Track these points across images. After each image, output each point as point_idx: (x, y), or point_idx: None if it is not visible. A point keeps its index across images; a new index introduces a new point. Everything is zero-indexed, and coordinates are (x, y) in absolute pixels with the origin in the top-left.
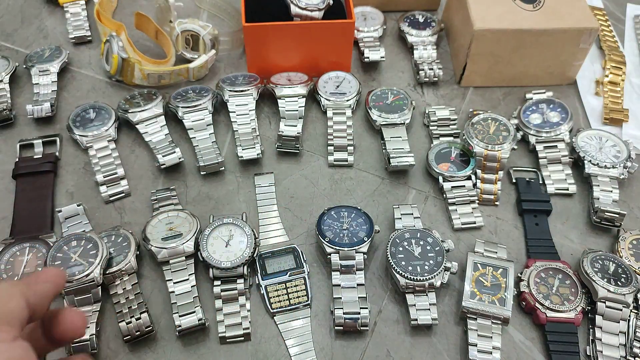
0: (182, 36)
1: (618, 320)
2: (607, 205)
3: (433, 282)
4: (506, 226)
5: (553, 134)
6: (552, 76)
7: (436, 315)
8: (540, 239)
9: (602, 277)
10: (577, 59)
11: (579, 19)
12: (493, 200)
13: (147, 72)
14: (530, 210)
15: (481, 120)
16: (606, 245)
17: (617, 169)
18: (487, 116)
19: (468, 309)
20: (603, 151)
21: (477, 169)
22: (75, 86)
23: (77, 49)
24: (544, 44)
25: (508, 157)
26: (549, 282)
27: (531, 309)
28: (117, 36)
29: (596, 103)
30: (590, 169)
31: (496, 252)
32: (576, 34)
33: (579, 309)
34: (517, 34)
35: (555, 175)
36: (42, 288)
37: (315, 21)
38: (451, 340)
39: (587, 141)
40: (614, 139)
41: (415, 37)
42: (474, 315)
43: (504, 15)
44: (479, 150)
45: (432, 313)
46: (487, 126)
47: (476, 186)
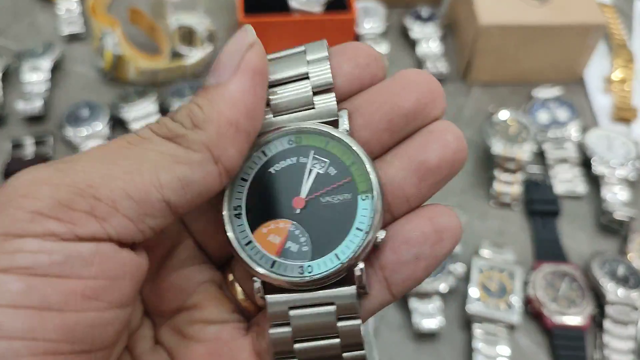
0: (178, 32)
1: (627, 324)
2: (615, 207)
3: (436, 286)
4: (513, 227)
5: (560, 133)
6: (559, 73)
7: (438, 322)
8: (548, 241)
9: (610, 280)
10: (585, 56)
11: (586, 15)
12: (510, 204)
13: (142, 69)
14: (537, 211)
15: (501, 119)
16: (616, 247)
17: (626, 169)
18: (508, 115)
19: (473, 314)
20: (611, 150)
21: (494, 170)
22: (68, 84)
23: (70, 46)
24: (551, 40)
25: (529, 160)
26: (556, 285)
27: (537, 313)
28: (112, 32)
29: (604, 101)
30: (597, 168)
31: (502, 254)
32: (583, 30)
33: (587, 314)
34: (524, 30)
35: (563, 176)
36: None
37: (315, 16)
38: (456, 346)
39: (596, 140)
40: (623, 138)
41: (418, 32)
42: (479, 320)
43: (510, 10)
44: (497, 150)
45: (436, 319)
46: (506, 126)
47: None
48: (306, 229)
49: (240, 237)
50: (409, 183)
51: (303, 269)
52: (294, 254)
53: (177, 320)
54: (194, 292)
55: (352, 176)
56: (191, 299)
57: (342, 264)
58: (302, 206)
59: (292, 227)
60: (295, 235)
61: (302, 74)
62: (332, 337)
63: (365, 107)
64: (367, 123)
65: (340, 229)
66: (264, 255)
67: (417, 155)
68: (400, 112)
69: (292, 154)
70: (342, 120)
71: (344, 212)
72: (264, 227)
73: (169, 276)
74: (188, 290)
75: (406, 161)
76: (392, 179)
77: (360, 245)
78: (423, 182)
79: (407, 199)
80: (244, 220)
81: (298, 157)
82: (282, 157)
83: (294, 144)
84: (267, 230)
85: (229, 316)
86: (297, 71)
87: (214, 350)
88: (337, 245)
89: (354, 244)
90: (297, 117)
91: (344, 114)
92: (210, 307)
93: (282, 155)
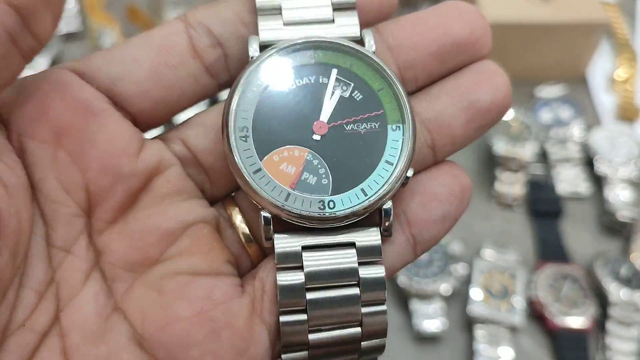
0: None
1: (630, 325)
2: (618, 207)
3: (437, 287)
4: (515, 228)
5: (562, 133)
6: (562, 72)
7: (440, 324)
8: (551, 242)
9: (613, 281)
10: (588, 55)
11: (589, 13)
12: (512, 204)
13: None
14: (540, 211)
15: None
16: (619, 247)
17: (629, 168)
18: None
19: (474, 315)
20: (614, 150)
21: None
22: None
23: (68, 44)
24: (554, 39)
25: (531, 160)
26: (559, 286)
27: (540, 314)
28: (110, 30)
29: (607, 100)
30: (600, 168)
31: (504, 255)
32: (587, 28)
33: (590, 315)
34: (526, 28)
35: (566, 175)
36: None
37: None
38: (457, 347)
39: (598, 140)
40: (626, 137)
41: None
42: (481, 322)
43: (513, 8)
44: (499, 149)
45: (437, 321)
46: (508, 125)
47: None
48: (326, 159)
49: (247, 164)
50: (458, 122)
51: (324, 204)
52: (311, 187)
53: (153, 273)
54: (179, 236)
55: (381, 103)
56: (175, 246)
57: (369, 200)
58: (324, 132)
59: (310, 156)
60: (314, 165)
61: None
62: (350, 285)
63: (414, 28)
64: (415, 44)
65: (367, 161)
66: (276, 186)
67: (468, 94)
68: (453, 39)
69: (310, 71)
70: (367, 41)
71: (371, 143)
72: (276, 154)
73: (145, 216)
74: (171, 234)
75: (456, 98)
76: (439, 114)
77: (390, 181)
78: (471, 122)
79: (453, 138)
80: (251, 144)
81: (317, 75)
82: (299, 73)
83: (312, 60)
84: (279, 158)
85: (222, 267)
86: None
87: (201, 313)
88: (363, 180)
89: (382, 178)
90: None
91: (369, 34)
92: (198, 254)
93: (299, 71)
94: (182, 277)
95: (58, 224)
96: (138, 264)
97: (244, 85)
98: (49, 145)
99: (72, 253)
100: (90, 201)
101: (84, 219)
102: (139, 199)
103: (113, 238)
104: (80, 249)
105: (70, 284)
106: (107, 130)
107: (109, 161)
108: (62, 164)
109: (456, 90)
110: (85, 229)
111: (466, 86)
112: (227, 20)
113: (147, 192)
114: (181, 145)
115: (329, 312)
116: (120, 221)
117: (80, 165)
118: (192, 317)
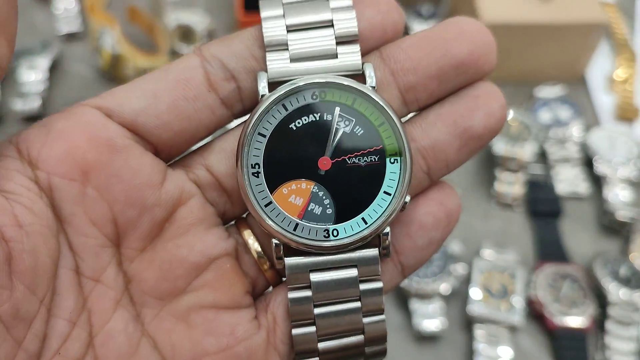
0: (177, 30)
1: (629, 325)
2: (617, 207)
3: (436, 287)
4: (514, 228)
5: (562, 133)
6: (561, 72)
7: (439, 324)
8: (550, 242)
9: (612, 281)
10: (587, 55)
11: (588, 14)
12: (512, 204)
13: (140, 68)
14: (539, 211)
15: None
16: (618, 247)
17: (628, 169)
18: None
19: (474, 315)
20: (614, 150)
21: (496, 170)
22: (66, 83)
23: (68, 45)
24: (553, 39)
25: (531, 160)
26: (558, 285)
27: (539, 314)
28: (110, 30)
29: (607, 100)
30: (600, 168)
31: (504, 255)
32: (586, 29)
33: (589, 315)
34: (525, 29)
35: (566, 175)
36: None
37: None
38: (457, 347)
39: (598, 140)
40: (625, 138)
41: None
42: (480, 322)
43: (512, 9)
44: (498, 149)
45: (437, 321)
46: (508, 125)
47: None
48: (330, 191)
49: (259, 198)
50: (452, 148)
51: (329, 233)
52: (317, 217)
53: (179, 303)
54: (204, 269)
55: (380, 137)
56: (200, 278)
57: (369, 228)
58: (329, 167)
59: (316, 188)
60: (319, 196)
61: (326, 21)
62: (353, 300)
63: (414, 51)
64: (415, 67)
65: (367, 192)
66: (285, 217)
67: (462, 121)
68: (453, 61)
69: (315, 109)
70: (368, 74)
71: (371, 175)
72: (285, 188)
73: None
74: (197, 267)
75: (451, 125)
76: (435, 141)
77: (388, 210)
78: (464, 147)
79: (447, 162)
80: (262, 179)
81: (322, 113)
82: (305, 112)
83: (317, 99)
84: (288, 191)
85: (241, 300)
86: (321, 17)
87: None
88: (364, 209)
89: (382, 208)
90: (317, 67)
91: (370, 68)
92: (222, 288)
93: (305, 110)
94: (208, 311)
95: (87, 255)
96: (167, 292)
97: (255, 126)
98: (77, 182)
99: (101, 282)
100: (119, 232)
101: (112, 249)
102: (166, 228)
103: (144, 267)
104: (109, 278)
105: (101, 311)
106: (130, 165)
107: (133, 194)
108: (90, 199)
109: (451, 116)
110: (114, 258)
111: (461, 113)
112: (239, 54)
113: (172, 222)
114: (204, 171)
115: (334, 324)
116: (149, 250)
117: (107, 199)
118: (219, 352)
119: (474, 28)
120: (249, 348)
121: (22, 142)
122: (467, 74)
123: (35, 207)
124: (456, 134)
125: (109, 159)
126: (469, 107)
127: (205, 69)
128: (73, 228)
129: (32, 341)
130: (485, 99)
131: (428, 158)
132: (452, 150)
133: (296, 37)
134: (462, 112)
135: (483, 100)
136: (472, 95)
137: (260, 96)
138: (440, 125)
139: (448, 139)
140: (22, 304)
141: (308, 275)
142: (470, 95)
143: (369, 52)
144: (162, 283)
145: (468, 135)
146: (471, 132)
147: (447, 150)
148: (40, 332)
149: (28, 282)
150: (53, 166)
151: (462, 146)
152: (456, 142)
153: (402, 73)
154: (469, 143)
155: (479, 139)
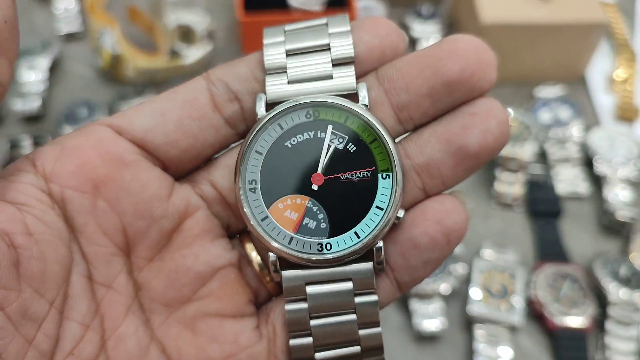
0: (177, 30)
1: (629, 325)
2: (617, 207)
3: (436, 287)
4: (514, 228)
5: (562, 133)
6: (561, 72)
7: (439, 324)
8: (550, 242)
9: (612, 281)
10: (587, 55)
11: (588, 14)
12: (512, 204)
13: (140, 68)
14: (539, 211)
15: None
16: (618, 247)
17: (628, 169)
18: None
19: (474, 315)
20: (614, 150)
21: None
22: (66, 83)
23: (68, 45)
24: (553, 39)
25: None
26: (558, 285)
27: (539, 314)
28: (110, 31)
29: (607, 100)
30: (600, 168)
31: (504, 255)
32: (586, 28)
33: (589, 315)
34: (525, 29)
35: (566, 175)
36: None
37: (315, 14)
38: (457, 347)
39: (598, 140)
40: (625, 138)
41: (419, 30)
42: (481, 322)
43: (512, 9)
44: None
45: (437, 321)
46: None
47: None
48: (324, 205)
49: (256, 213)
50: (446, 166)
51: (322, 246)
52: (311, 231)
53: (186, 310)
54: (209, 279)
55: (372, 154)
56: (206, 287)
57: (362, 242)
58: (321, 184)
59: (310, 204)
60: (313, 211)
61: (323, 45)
62: (348, 312)
63: (407, 70)
64: (407, 86)
65: (360, 207)
66: (280, 231)
67: (456, 139)
68: (443, 80)
69: (309, 128)
70: (361, 93)
71: (363, 190)
72: (280, 203)
73: (181, 256)
74: (203, 276)
75: (445, 143)
76: (429, 159)
77: (380, 224)
78: (460, 166)
79: (442, 180)
80: (259, 194)
81: (316, 131)
82: (299, 130)
83: (311, 118)
84: (283, 206)
85: (245, 308)
86: (319, 42)
87: (230, 356)
88: (357, 224)
89: (374, 222)
90: (313, 88)
91: (363, 87)
92: (226, 297)
93: (299, 128)
94: (212, 319)
95: (99, 262)
96: (174, 300)
97: (252, 144)
98: (89, 195)
99: (112, 288)
100: (129, 242)
101: (123, 258)
102: (173, 239)
103: (153, 275)
104: (120, 285)
105: (113, 316)
106: (139, 179)
107: (142, 206)
108: (101, 211)
109: (446, 134)
110: (125, 267)
111: (455, 131)
112: (243, 77)
113: (179, 233)
114: (209, 187)
115: (330, 335)
116: (158, 259)
117: (117, 211)
118: (223, 359)
119: (469, 46)
120: (252, 356)
121: (37, 157)
122: (461, 92)
123: (46, 217)
124: (450, 152)
125: (118, 173)
126: (464, 125)
127: (210, 90)
128: (85, 237)
129: (43, 341)
130: (483, 116)
131: (422, 175)
132: (447, 168)
133: (295, 60)
134: (456, 130)
135: (480, 118)
136: (469, 112)
137: (258, 116)
138: (434, 142)
139: (442, 157)
140: (30, 305)
141: (304, 287)
142: (466, 113)
143: (367, 73)
144: (170, 291)
145: (463, 154)
146: (466, 150)
147: (442, 168)
148: (51, 333)
149: (36, 286)
150: (66, 179)
151: (457, 164)
152: (450, 160)
153: (395, 92)
154: (465, 161)
155: (475, 158)
